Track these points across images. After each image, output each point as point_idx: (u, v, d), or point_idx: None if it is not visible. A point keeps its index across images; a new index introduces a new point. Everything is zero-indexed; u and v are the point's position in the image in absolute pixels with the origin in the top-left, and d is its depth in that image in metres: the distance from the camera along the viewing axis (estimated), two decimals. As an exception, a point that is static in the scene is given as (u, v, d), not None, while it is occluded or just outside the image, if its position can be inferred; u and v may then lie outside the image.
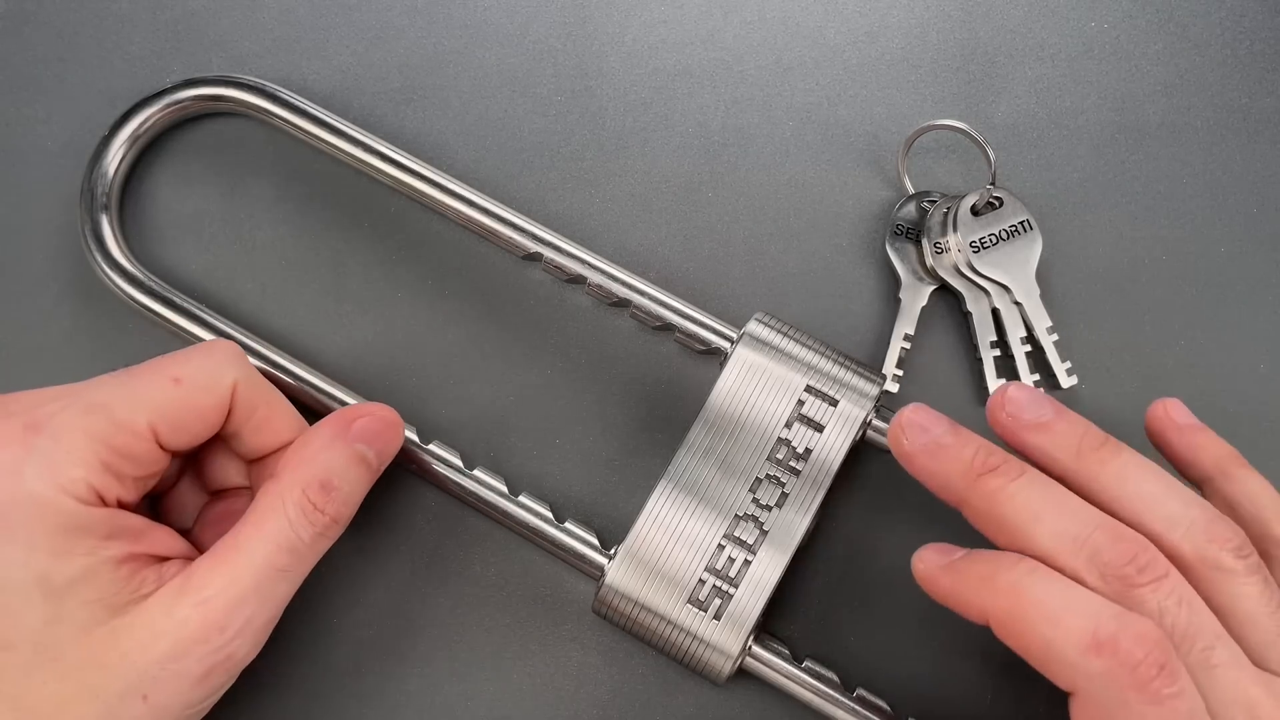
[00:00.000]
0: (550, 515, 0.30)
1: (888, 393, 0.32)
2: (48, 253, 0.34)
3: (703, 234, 0.35)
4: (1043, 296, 0.32)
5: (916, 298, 0.33)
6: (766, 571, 0.28)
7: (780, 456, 0.29)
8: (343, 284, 0.34)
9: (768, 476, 0.29)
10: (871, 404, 0.29)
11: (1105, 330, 0.33)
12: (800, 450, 0.29)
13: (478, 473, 0.31)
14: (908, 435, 0.26)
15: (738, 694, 0.31)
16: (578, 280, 0.32)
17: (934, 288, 0.33)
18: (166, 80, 0.35)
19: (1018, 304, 0.32)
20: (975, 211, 0.33)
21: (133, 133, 0.34)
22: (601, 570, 0.29)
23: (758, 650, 0.29)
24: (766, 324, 0.31)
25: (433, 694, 0.31)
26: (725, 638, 0.28)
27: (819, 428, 0.29)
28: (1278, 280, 0.33)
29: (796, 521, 0.29)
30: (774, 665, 0.29)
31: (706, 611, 0.28)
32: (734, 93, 0.36)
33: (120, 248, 0.33)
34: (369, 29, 0.37)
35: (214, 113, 0.35)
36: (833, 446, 0.29)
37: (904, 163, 0.34)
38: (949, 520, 0.32)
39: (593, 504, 0.32)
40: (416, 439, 0.31)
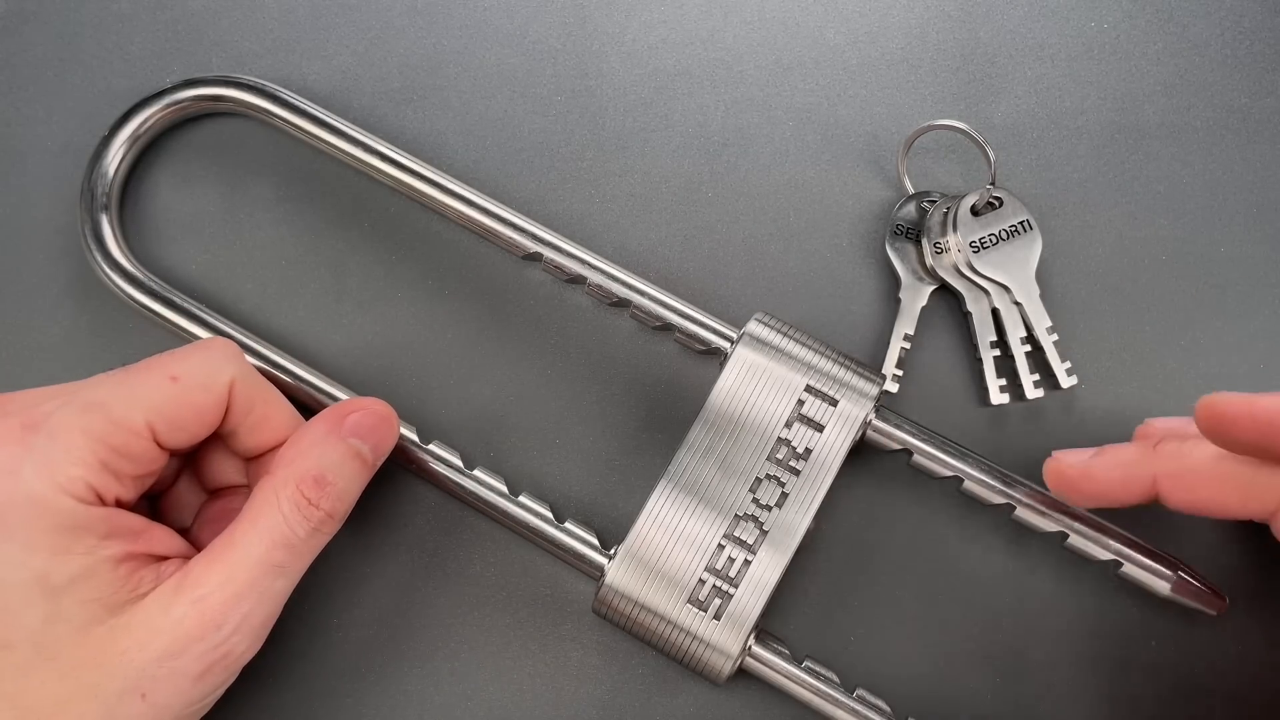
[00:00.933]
0: (550, 515, 0.30)
1: (888, 393, 0.32)
2: (48, 253, 0.34)
3: (703, 234, 0.35)
4: (1043, 296, 0.32)
5: (916, 298, 0.33)
6: (766, 571, 0.28)
7: (780, 456, 0.29)
8: (343, 284, 0.34)
9: (768, 476, 0.29)
10: (871, 404, 0.29)
11: (1105, 330, 0.33)
12: (800, 450, 0.29)
13: (478, 473, 0.31)
14: (1066, 463, 0.28)
15: (738, 694, 0.31)
16: (578, 280, 0.32)
17: (934, 288, 0.33)
18: (166, 80, 0.35)
19: (1018, 304, 0.32)
20: (975, 211, 0.33)
21: (133, 133, 0.34)
22: (601, 570, 0.29)
23: (758, 650, 0.29)
24: (766, 324, 0.31)
25: (433, 694, 0.31)
26: (725, 638, 0.28)
27: (819, 427, 0.29)
28: (1278, 280, 0.33)
29: (796, 521, 0.29)
30: (774, 665, 0.29)
31: (706, 611, 0.28)
32: (734, 93, 0.36)
33: (120, 248, 0.33)
34: (369, 29, 0.37)
35: (214, 113, 0.35)
36: (833, 446, 0.29)
37: (904, 163, 0.34)
38: (949, 521, 0.32)
39: (593, 504, 0.32)
40: (416, 439, 0.31)
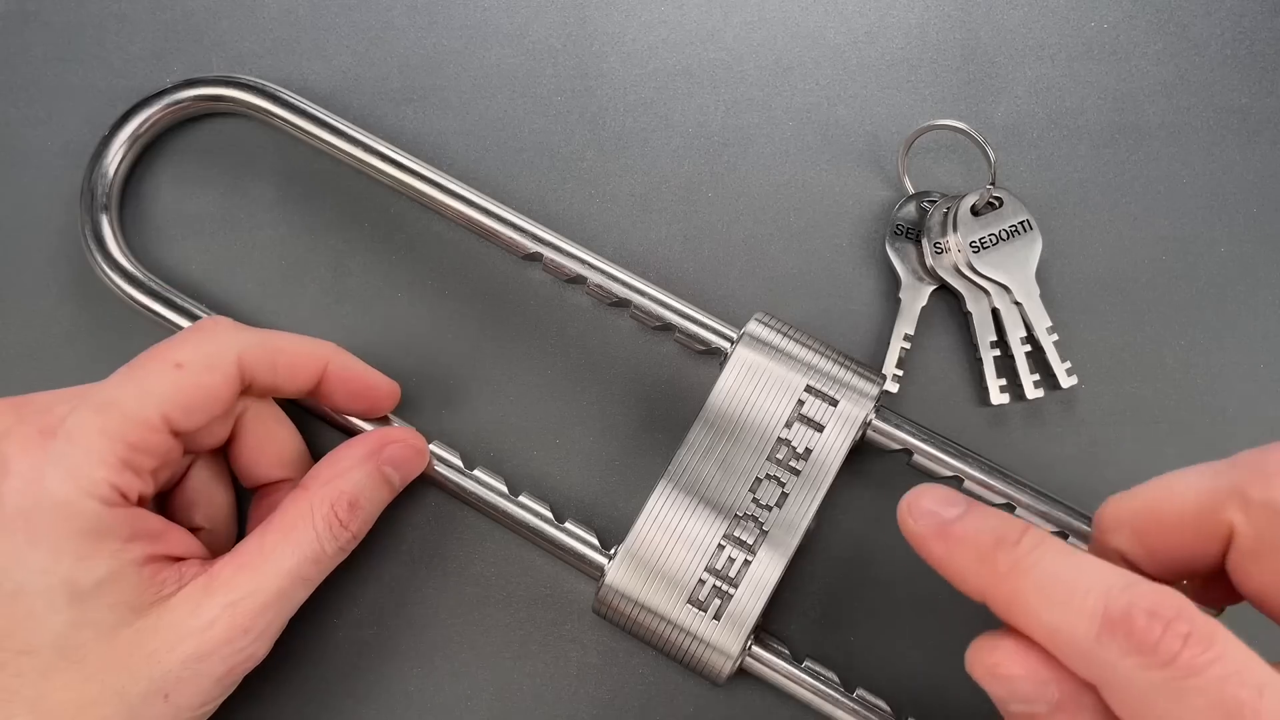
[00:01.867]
0: (550, 515, 0.30)
1: (888, 393, 0.32)
2: (48, 253, 0.34)
3: (703, 234, 0.35)
4: (1043, 296, 0.32)
5: (916, 298, 0.33)
6: (766, 571, 0.28)
7: (780, 456, 0.29)
8: (343, 284, 0.34)
9: (768, 476, 0.29)
10: (871, 404, 0.29)
11: (1105, 330, 0.33)
12: (800, 450, 0.29)
13: (478, 473, 0.31)
14: (914, 517, 0.24)
15: (738, 694, 0.31)
16: (578, 280, 0.32)
17: (934, 288, 0.33)
18: (166, 80, 0.35)
19: (1018, 304, 0.32)
20: (975, 211, 0.33)
21: (133, 133, 0.34)
22: (601, 570, 0.29)
23: (758, 650, 0.29)
24: (766, 324, 0.31)
25: (433, 694, 0.31)
26: (725, 638, 0.28)
27: (819, 428, 0.29)
28: (1278, 280, 0.33)
29: (796, 521, 0.29)
30: (774, 665, 0.29)
31: (706, 611, 0.28)
32: (734, 93, 0.36)
33: (120, 248, 0.33)
34: (369, 29, 0.37)
35: (214, 113, 0.35)
36: (833, 446, 0.29)
37: (904, 163, 0.34)
38: (949, 520, 0.32)
39: (593, 504, 0.32)
40: (416, 439, 0.31)
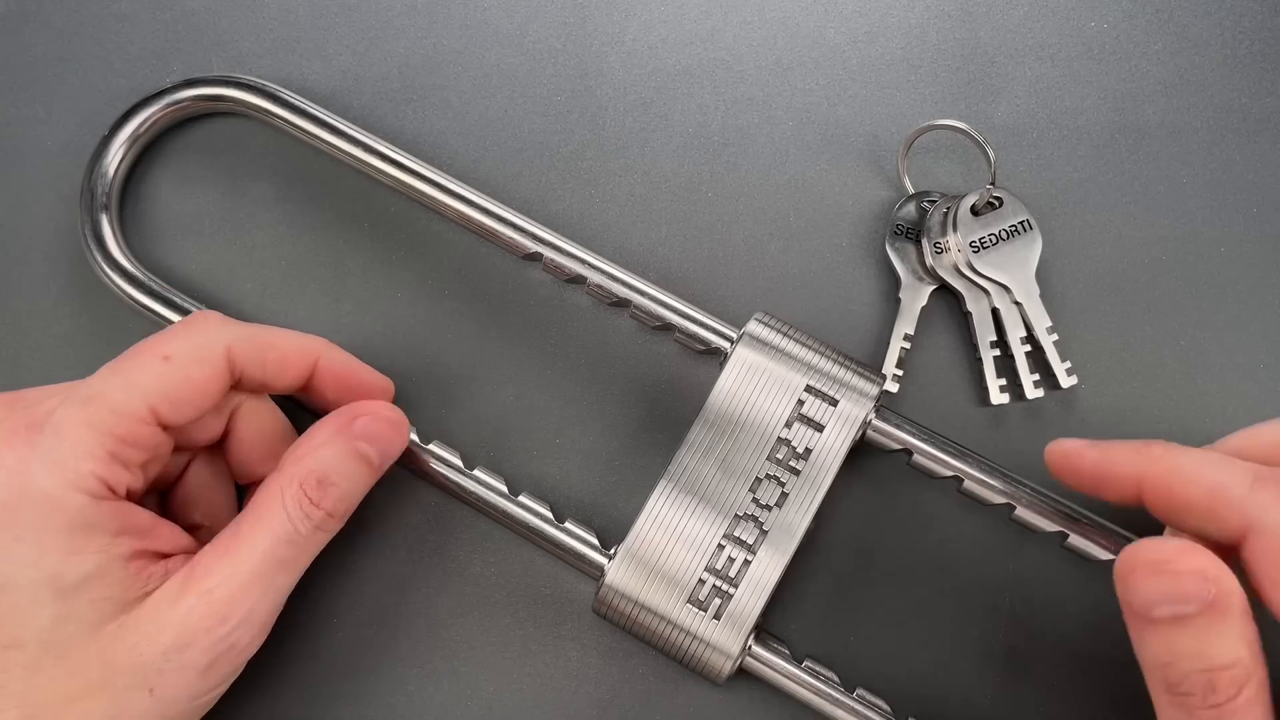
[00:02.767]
0: (550, 515, 0.30)
1: (888, 393, 0.32)
2: (48, 253, 0.34)
3: (703, 234, 0.35)
4: (1043, 296, 0.32)
5: (916, 298, 0.33)
6: (766, 571, 0.28)
7: (780, 456, 0.29)
8: (343, 284, 0.34)
9: (768, 476, 0.29)
10: (871, 404, 0.29)
11: (1105, 330, 0.33)
12: (800, 450, 0.29)
13: (478, 473, 0.31)
14: (1067, 444, 0.27)
15: (738, 694, 0.31)
16: (578, 280, 0.32)
17: (934, 288, 0.33)
18: (166, 80, 0.35)
19: (1018, 304, 0.32)
20: (975, 211, 0.33)
21: (133, 133, 0.34)
22: (601, 570, 0.29)
23: (758, 650, 0.29)
24: (766, 324, 0.31)
25: (433, 694, 0.31)
26: (725, 637, 0.28)
27: (819, 427, 0.29)
28: (1278, 280, 0.33)
29: (796, 521, 0.29)
30: (774, 665, 0.29)
31: (706, 611, 0.28)
32: (734, 93, 0.36)
33: (120, 248, 0.33)
34: (369, 29, 0.37)
35: (214, 113, 0.35)
36: (833, 446, 0.29)
37: (904, 163, 0.34)
38: (949, 521, 0.32)
39: (593, 504, 0.32)
40: (416, 439, 0.31)
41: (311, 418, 0.32)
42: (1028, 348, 0.32)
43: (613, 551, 0.29)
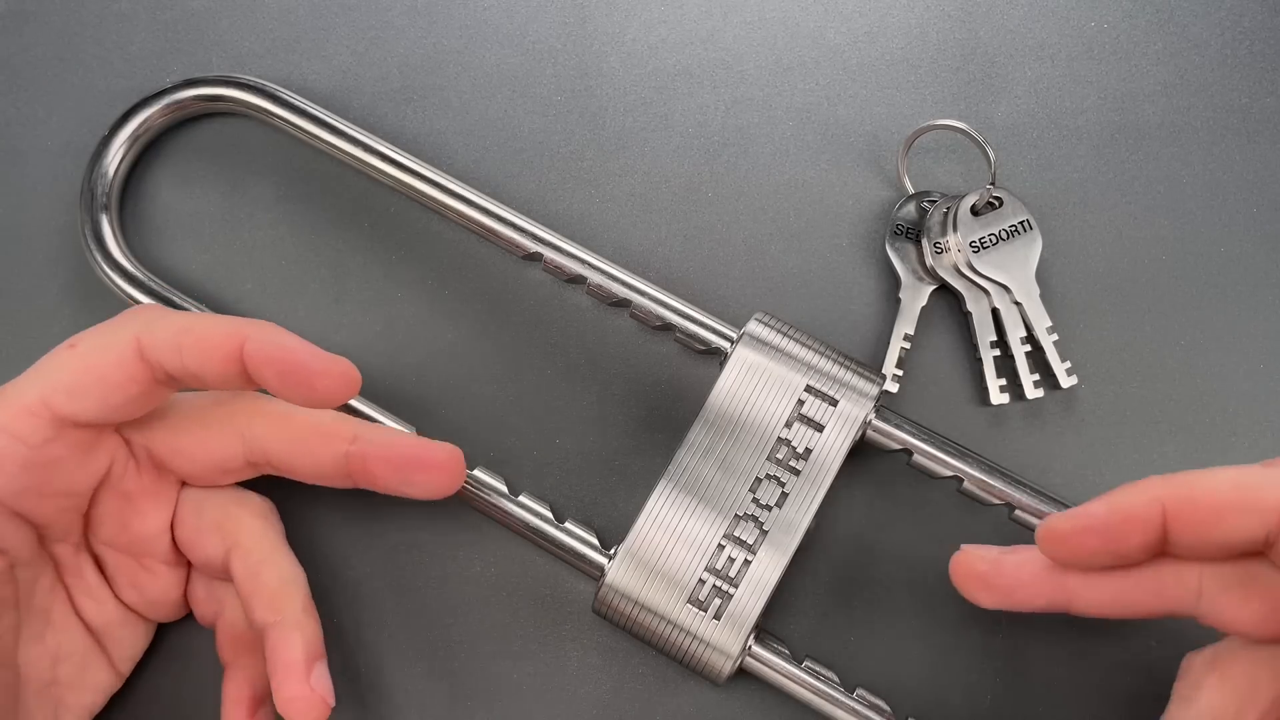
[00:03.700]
0: (550, 515, 0.30)
1: (888, 393, 0.32)
2: (48, 253, 0.34)
3: (703, 234, 0.35)
4: (1043, 296, 0.32)
5: (916, 298, 0.33)
6: (766, 571, 0.28)
7: (780, 456, 0.29)
8: (343, 284, 0.34)
9: (768, 476, 0.29)
10: (871, 404, 0.29)
11: (1105, 330, 0.33)
12: (800, 450, 0.29)
13: (478, 473, 0.31)
14: (975, 554, 0.27)
15: (738, 694, 0.31)
16: (578, 280, 0.32)
17: (934, 288, 0.33)
18: (166, 80, 0.35)
19: (1018, 304, 0.32)
20: (975, 211, 0.33)
21: (133, 133, 0.34)
22: (601, 570, 0.29)
23: (758, 650, 0.29)
24: (766, 324, 0.31)
25: (433, 694, 0.31)
26: (725, 637, 0.28)
27: (819, 427, 0.29)
28: (1278, 280, 0.33)
29: (796, 521, 0.29)
30: (774, 665, 0.29)
31: (706, 611, 0.28)
32: (734, 93, 0.36)
33: (120, 248, 0.33)
34: (369, 29, 0.37)
35: (214, 113, 0.35)
36: (833, 446, 0.29)
37: (904, 163, 0.34)
38: (949, 521, 0.32)
39: (593, 504, 0.32)
40: (416, 439, 0.31)
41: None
42: (1028, 348, 0.32)
43: (613, 551, 0.29)
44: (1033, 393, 0.32)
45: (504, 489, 0.30)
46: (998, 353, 0.32)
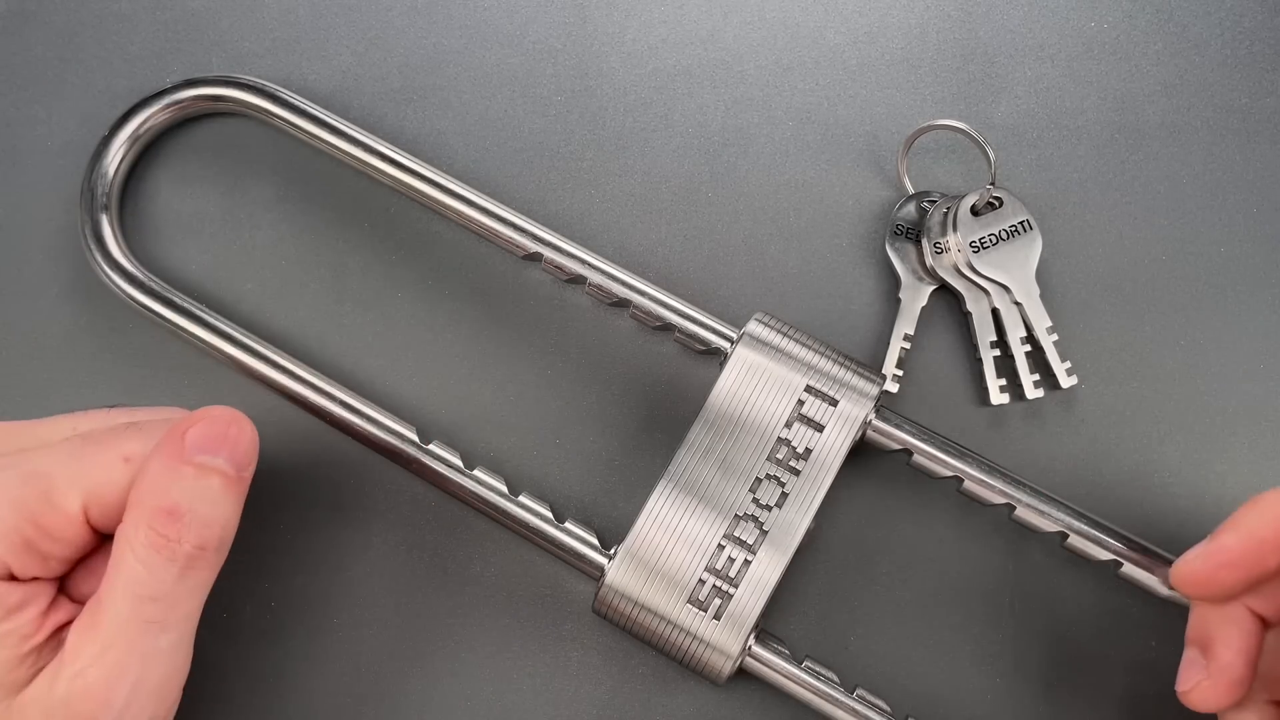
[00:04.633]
0: (550, 515, 0.30)
1: (888, 393, 0.32)
2: (48, 253, 0.34)
3: (703, 234, 0.35)
4: (1043, 296, 0.32)
5: (916, 298, 0.33)
6: (766, 571, 0.28)
7: (780, 456, 0.29)
8: (343, 284, 0.34)
9: (768, 476, 0.29)
10: (871, 404, 0.29)
11: (1105, 330, 0.33)
12: (800, 450, 0.29)
13: (478, 473, 0.31)
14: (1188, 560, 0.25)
15: (738, 694, 0.31)
16: (578, 280, 0.32)
17: (934, 288, 0.33)
18: (166, 80, 0.35)
19: (1018, 304, 0.32)
20: (975, 211, 0.33)
21: (133, 133, 0.34)
22: (601, 570, 0.29)
23: (758, 650, 0.29)
24: (766, 324, 0.31)
25: (433, 694, 0.31)
26: (725, 638, 0.28)
27: (819, 427, 0.29)
28: (1278, 280, 0.33)
29: (796, 521, 0.29)
30: (774, 665, 0.29)
31: (706, 611, 0.28)
32: (734, 93, 0.36)
33: (120, 248, 0.33)
34: (369, 29, 0.37)
35: (214, 113, 0.35)
36: (833, 446, 0.29)
37: (904, 163, 0.34)
38: (949, 521, 0.32)
39: (593, 504, 0.32)
40: (416, 439, 0.31)
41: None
42: (1028, 348, 0.32)
43: (613, 551, 0.29)
44: (1033, 393, 0.32)
45: (504, 489, 0.30)
46: (998, 353, 0.32)
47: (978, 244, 0.33)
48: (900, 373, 0.32)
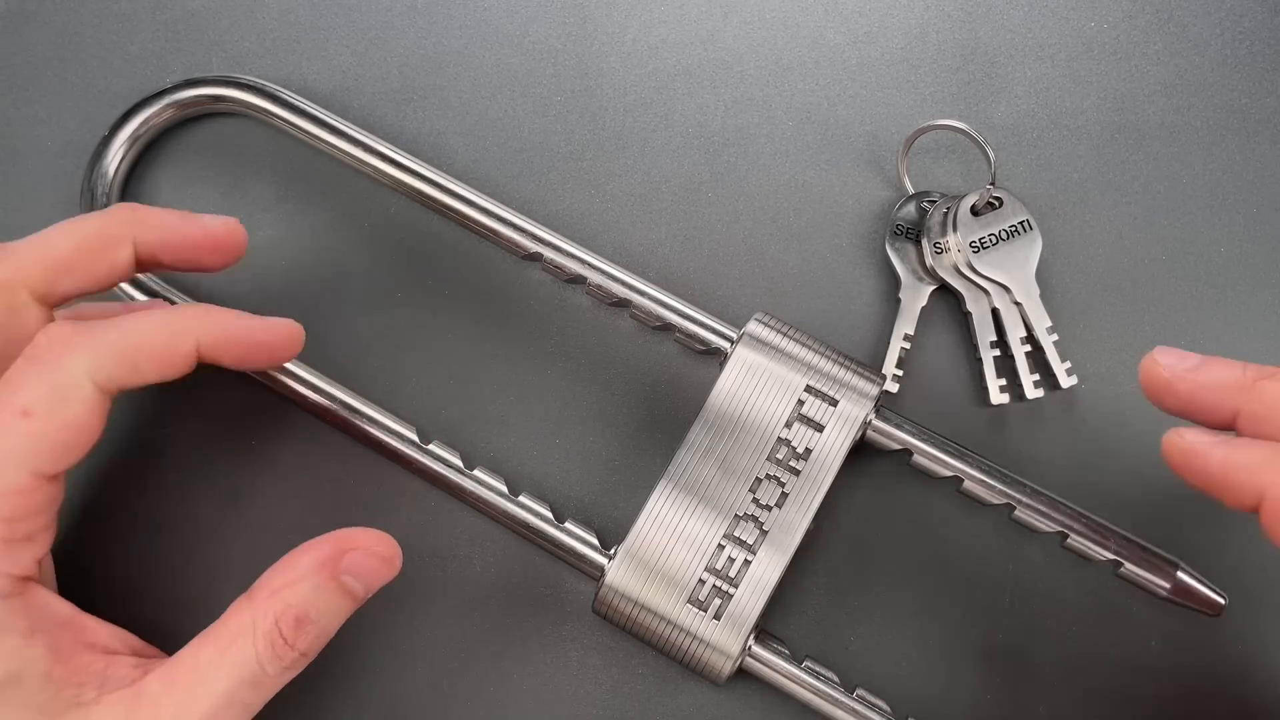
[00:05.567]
0: (550, 515, 0.30)
1: (888, 393, 0.32)
2: (48, 253, 0.34)
3: (703, 234, 0.35)
4: (1043, 296, 0.32)
5: (916, 298, 0.33)
6: (766, 571, 0.28)
7: (780, 456, 0.29)
8: (343, 284, 0.34)
9: (768, 476, 0.29)
10: (871, 404, 0.29)
11: (1105, 330, 0.33)
12: (800, 450, 0.29)
13: (478, 473, 0.31)
14: (1164, 360, 0.25)
15: (738, 694, 0.31)
16: (578, 280, 0.32)
17: (934, 288, 0.33)
18: (166, 80, 0.35)
19: (1018, 304, 0.32)
20: (975, 211, 0.33)
21: (133, 133, 0.34)
22: (601, 570, 0.29)
23: (758, 650, 0.29)
24: (766, 324, 0.31)
25: (433, 694, 0.31)
26: (725, 638, 0.28)
27: (819, 427, 0.29)
28: (1278, 280, 0.33)
29: (796, 521, 0.29)
30: (774, 665, 0.29)
31: (706, 611, 0.28)
32: (734, 93, 0.36)
33: (120, 248, 0.33)
34: (369, 29, 0.37)
35: (214, 113, 0.35)
36: (833, 446, 0.29)
37: (904, 163, 0.34)
38: (949, 521, 0.32)
39: (593, 504, 0.32)
40: (416, 439, 0.31)
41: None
42: (1028, 348, 0.32)
43: (613, 551, 0.29)
44: (1033, 393, 0.32)
45: (504, 489, 0.30)
46: (998, 353, 0.32)
47: (978, 244, 0.33)
48: (900, 373, 0.32)
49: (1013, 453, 0.32)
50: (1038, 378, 0.32)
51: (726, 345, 0.31)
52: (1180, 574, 0.28)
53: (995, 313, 0.33)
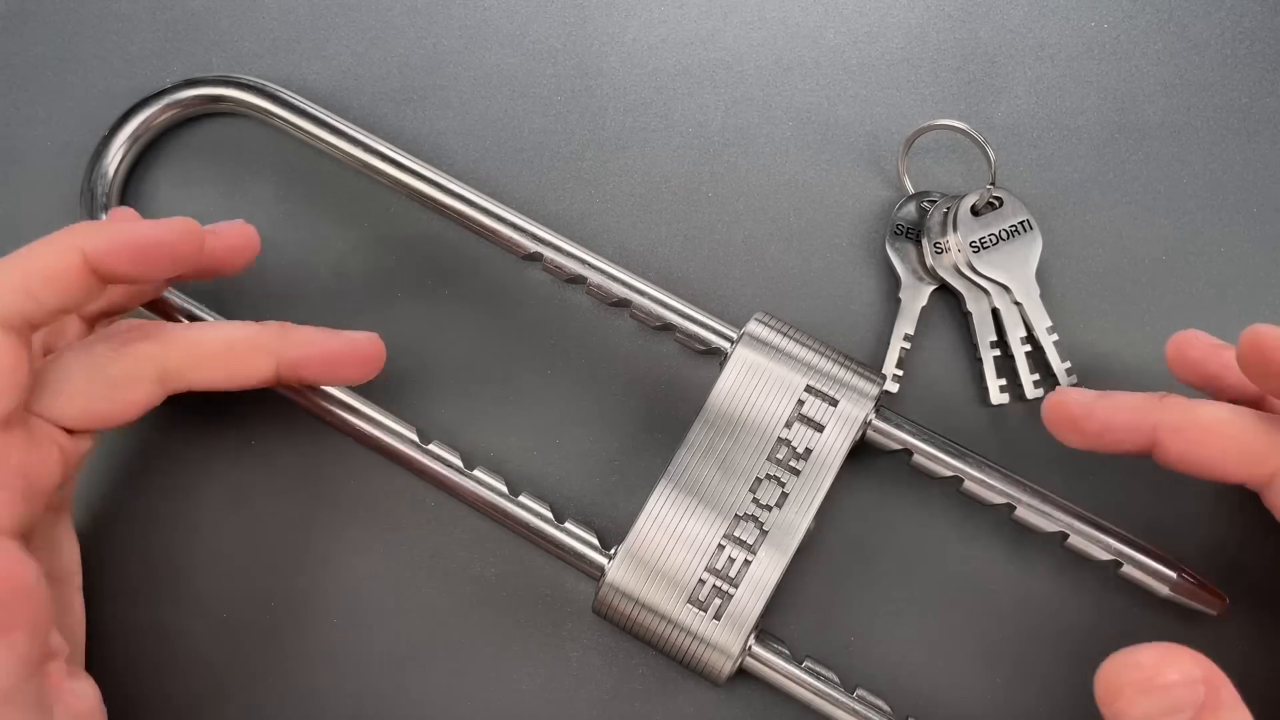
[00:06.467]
0: (550, 515, 0.30)
1: (888, 393, 0.32)
2: (48, 253, 0.34)
3: (703, 234, 0.35)
4: (1043, 296, 0.32)
5: (916, 298, 0.33)
6: (766, 571, 0.28)
7: (780, 456, 0.29)
8: (343, 284, 0.34)
9: (768, 476, 0.29)
10: (871, 404, 0.29)
11: (1105, 330, 0.33)
12: (800, 450, 0.29)
13: (478, 473, 0.31)
14: (1071, 399, 0.27)
15: (738, 694, 0.31)
16: (578, 280, 0.32)
17: (934, 288, 0.33)
18: (166, 80, 0.35)
19: (1018, 304, 0.32)
20: (975, 211, 0.33)
21: (133, 133, 0.34)
22: (601, 570, 0.29)
23: (758, 650, 0.29)
24: (766, 324, 0.31)
25: (433, 694, 0.31)
26: (725, 638, 0.28)
27: (819, 427, 0.29)
28: (1278, 280, 0.33)
29: (796, 521, 0.29)
30: (774, 665, 0.29)
31: (706, 611, 0.28)
32: (734, 93, 0.36)
33: (120, 248, 0.33)
34: (369, 29, 0.37)
35: (214, 113, 0.35)
36: (833, 446, 0.29)
37: (904, 163, 0.34)
38: (949, 521, 0.32)
39: (593, 504, 0.32)
40: (416, 439, 0.31)
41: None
42: (1028, 348, 0.32)
43: (613, 551, 0.29)
44: (1033, 393, 0.32)
45: (504, 489, 0.30)
46: (998, 353, 0.32)
47: (978, 244, 0.33)
48: (900, 373, 0.32)
49: (1013, 453, 0.32)
50: (1038, 378, 0.32)
51: (726, 345, 0.31)
52: (1181, 574, 0.29)
53: (995, 313, 0.33)
